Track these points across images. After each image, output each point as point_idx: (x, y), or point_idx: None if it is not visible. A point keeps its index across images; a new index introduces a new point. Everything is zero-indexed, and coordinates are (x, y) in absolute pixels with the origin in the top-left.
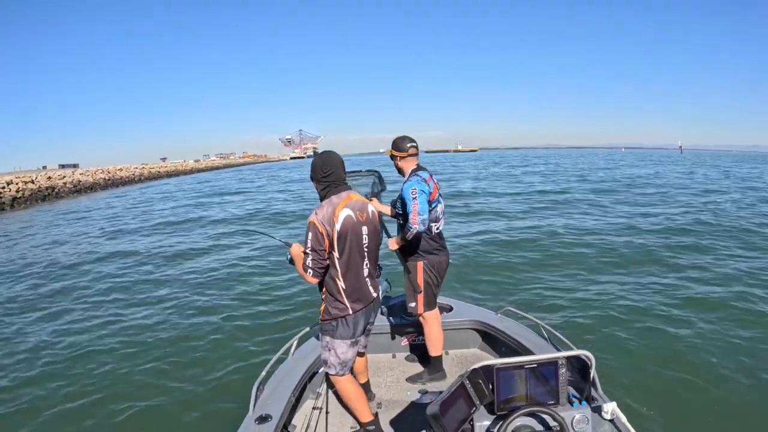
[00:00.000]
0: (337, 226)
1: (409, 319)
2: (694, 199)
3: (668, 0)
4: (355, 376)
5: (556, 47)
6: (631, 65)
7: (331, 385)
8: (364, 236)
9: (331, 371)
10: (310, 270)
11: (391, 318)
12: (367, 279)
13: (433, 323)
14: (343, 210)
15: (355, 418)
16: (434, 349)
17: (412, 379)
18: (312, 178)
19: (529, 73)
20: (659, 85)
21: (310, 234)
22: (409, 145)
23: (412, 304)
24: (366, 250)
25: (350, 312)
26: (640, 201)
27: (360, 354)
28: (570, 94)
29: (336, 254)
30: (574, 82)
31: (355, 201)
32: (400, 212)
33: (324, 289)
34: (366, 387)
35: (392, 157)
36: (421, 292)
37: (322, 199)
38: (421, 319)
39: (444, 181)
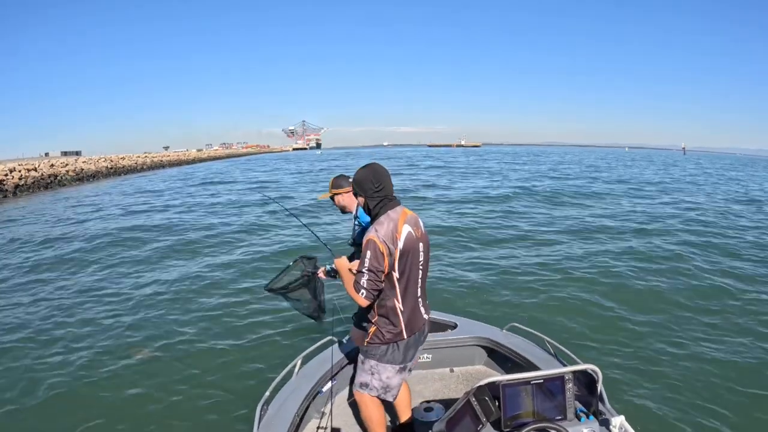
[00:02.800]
0: (400, 244)
1: None
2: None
3: (674, 1)
4: (397, 412)
5: (561, 45)
6: (636, 64)
7: (341, 406)
8: (421, 253)
9: (372, 393)
10: (364, 291)
11: None
12: (420, 299)
13: None
14: (404, 226)
15: None
16: None
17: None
18: (358, 194)
19: (532, 70)
20: (665, 85)
21: (368, 252)
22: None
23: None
24: (421, 269)
25: (404, 337)
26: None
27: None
28: (574, 92)
29: (396, 274)
30: (577, 80)
31: (410, 216)
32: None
33: (376, 311)
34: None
35: (334, 196)
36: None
37: (373, 216)
38: None
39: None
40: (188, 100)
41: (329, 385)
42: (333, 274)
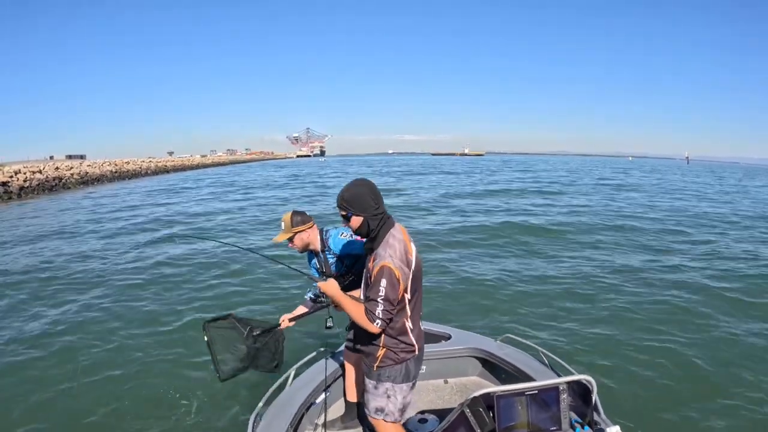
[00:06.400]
0: (414, 267)
1: None
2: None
3: (677, 10)
4: None
5: (565, 53)
6: (640, 73)
7: (333, 418)
8: (422, 270)
9: (389, 419)
10: (379, 321)
11: None
12: (420, 314)
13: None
14: (411, 245)
15: None
16: (350, 394)
17: (330, 425)
18: (354, 214)
19: (537, 79)
20: (669, 94)
21: (384, 281)
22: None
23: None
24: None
25: (416, 352)
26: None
27: None
28: (576, 101)
29: (408, 296)
30: (580, 89)
31: (407, 232)
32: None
33: (384, 334)
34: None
35: (293, 237)
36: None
37: (371, 236)
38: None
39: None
40: (192, 106)
41: (323, 396)
42: (320, 300)
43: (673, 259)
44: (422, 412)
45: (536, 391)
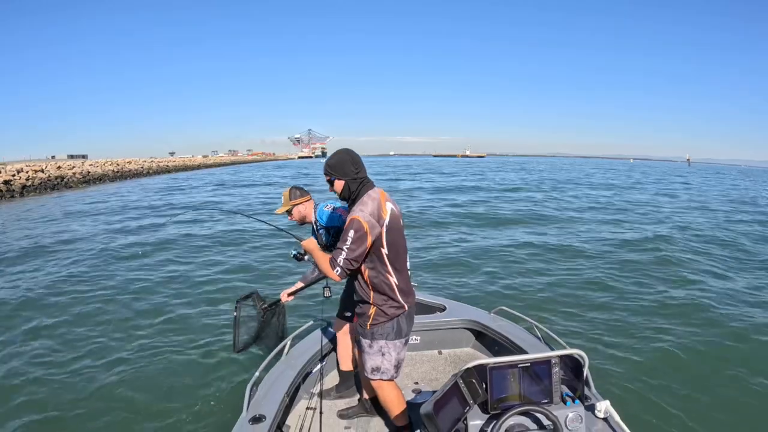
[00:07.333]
0: (386, 221)
1: None
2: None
3: (679, 13)
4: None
5: (566, 53)
6: (641, 76)
7: (328, 387)
8: (402, 228)
9: (385, 377)
10: (339, 269)
11: None
12: (408, 272)
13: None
14: (387, 203)
15: (390, 421)
16: (345, 363)
17: (325, 394)
18: (337, 178)
19: (538, 80)
20: (670, 96)
21: (351, 231)
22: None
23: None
24: (404, 242)
25: (406, 308)
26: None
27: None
28: (578, 104)
29: (385, 250)
30: (582, 92)
31: (388, 195)
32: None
33: (371, 290)
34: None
35: (292, 208)
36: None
37: (352, 199)
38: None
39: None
40: (194, 109)
41: (319, 366)
42: (301, 256)
43: (664, 245)
44: (416, 383)
45: (529, 364)
